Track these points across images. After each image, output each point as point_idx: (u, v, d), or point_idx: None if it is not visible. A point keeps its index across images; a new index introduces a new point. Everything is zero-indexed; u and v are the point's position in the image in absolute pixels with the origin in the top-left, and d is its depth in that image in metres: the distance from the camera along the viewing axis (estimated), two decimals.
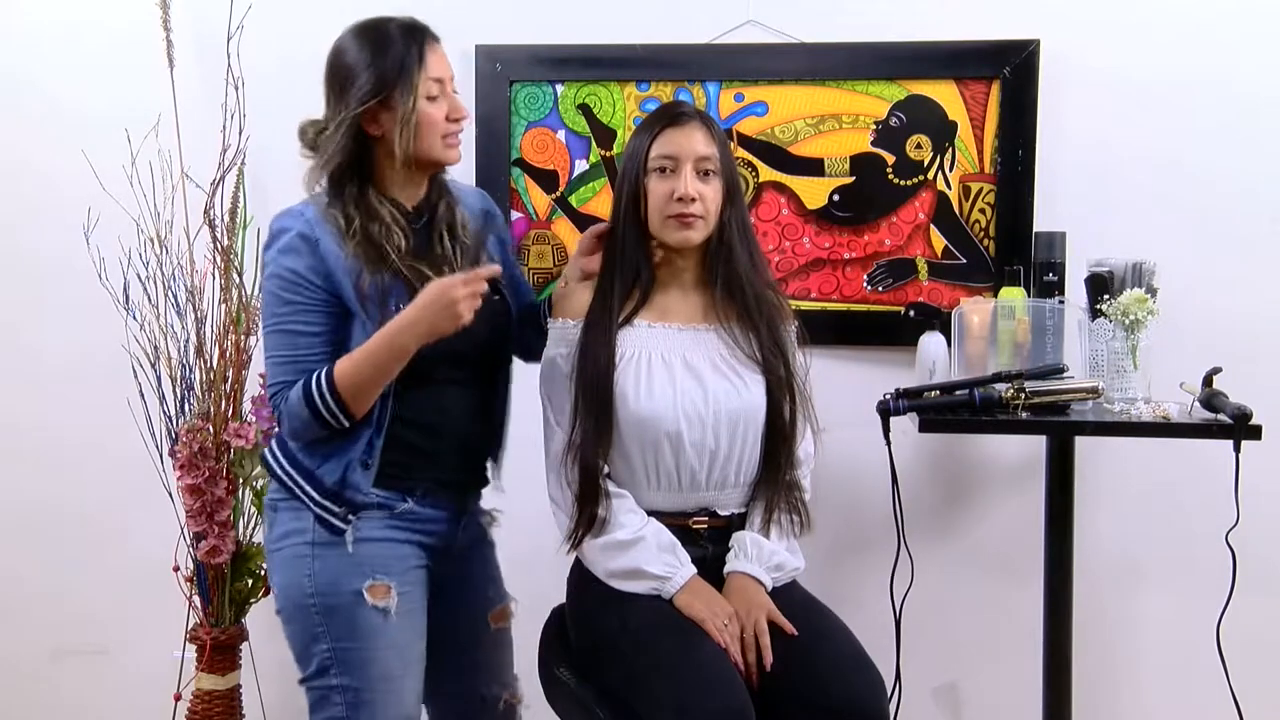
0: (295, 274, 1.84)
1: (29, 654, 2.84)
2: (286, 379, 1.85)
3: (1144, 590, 2.61)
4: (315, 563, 1.85)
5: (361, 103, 1.83)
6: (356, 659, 1.85)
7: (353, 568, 1.85)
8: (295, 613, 1.88)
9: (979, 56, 2.52)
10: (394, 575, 1.88)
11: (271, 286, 1.86)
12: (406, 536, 1.92)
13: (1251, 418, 2.06)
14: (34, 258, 2.75)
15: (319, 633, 1.85)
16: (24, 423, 2.78)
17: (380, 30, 1.87)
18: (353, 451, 1.87)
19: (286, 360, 1.86)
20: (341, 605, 1.85)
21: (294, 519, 1.88)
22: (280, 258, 1.85)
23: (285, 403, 1.85)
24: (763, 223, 2.58)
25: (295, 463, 1.89)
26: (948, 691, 2.67)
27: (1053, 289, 2.35)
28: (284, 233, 1.86)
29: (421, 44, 1.87)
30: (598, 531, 1.95)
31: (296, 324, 1.85)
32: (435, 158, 1.90)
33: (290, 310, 1.85)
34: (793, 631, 1.87)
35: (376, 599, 1.85)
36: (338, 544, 1.86)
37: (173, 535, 2.55)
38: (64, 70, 2.72)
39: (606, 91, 2.61)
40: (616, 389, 1.96)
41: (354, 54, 1.86)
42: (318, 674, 1.87)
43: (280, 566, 1.90)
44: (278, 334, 1.86)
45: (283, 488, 1.90)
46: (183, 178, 2.57)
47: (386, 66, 1.83)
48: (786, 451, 2.02)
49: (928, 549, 2.50)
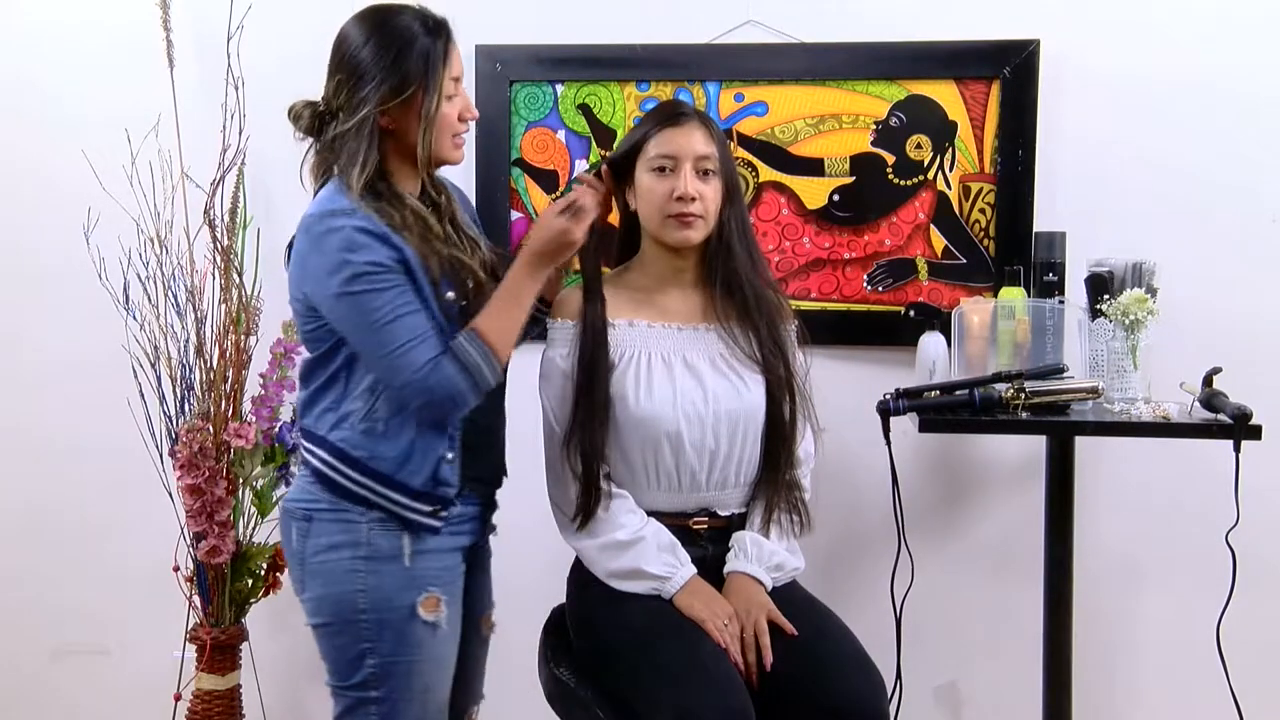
0: (379, 265, 1.75)
1: (29, 654, 2.84)
2: (431, 355, 1.76)
3: (1144, 590, 2.61)
4: (370, 578, 1.80)
5: (384, 100, 1.78)
6: (401, 672, 1.83)
7: (409, 581, 1.82)
8: (344, 627, 1.82)
9: (979, 56, 2.52)
10: (445, 587, 1.86)
11: (361, 286, 1.74)
12: (454, 543, 1.89)
13: (1251, 418, 2.06)
14: (34, 258, 2.75)
15: (367, 648, 1.81)
16: (24, 423, 2.78)
17: (403, 23, 1.81)
18: (440, 447, 1.83)
19: (419, 339, 1.76)
20: (394, 620, 1.81)
21: (342, 531, 1.81)
22: (355, 256, 1.74)
23: (437, 377, 1.76)
24: (763, 223, 2.59)
25: (368, 471, 1.81)
26: (948, 691, 2.67)
27: (1053, 289, 2.35)
28: (339, 231, 1.75)
29: (446, 41, 1.83)
30: (597, 530, 1.96)
31: (408, 307, 1.76)
32: (444, 157, 1.87)
33: (396, 294, 1.76)
34: (793, 631, 1.87)
35: (428, 613, 1.82)
36: (394, 558, 1.81)
37: (173, 535, 2.55)
38: (64, 70, 2.73)
39: (606, 91, 2.61)
40: (616, 389, 1.96)
41: (376, 47, 1.79)
42: (359, 686, 1.83)
43: (325, 579, 1.83)
44: (396, 322, 1.75)
45: (344, 499, 1.81)
46: (183, 178, 2.57)
47: (412, 64, 1.78)
48: (786, 451, 2.02)
49: (928, 549, 2.50)
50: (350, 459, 1.81)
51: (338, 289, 1.75)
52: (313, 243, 1.77)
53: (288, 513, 1.88)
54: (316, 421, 1.85)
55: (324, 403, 1.84)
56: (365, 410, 1.81)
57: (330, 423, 1.83)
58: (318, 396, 1.85)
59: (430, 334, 1.78)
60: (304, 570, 1.85)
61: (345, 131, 1.79)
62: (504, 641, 2.15)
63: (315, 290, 1.79)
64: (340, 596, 1.82)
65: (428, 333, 1.78)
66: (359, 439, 1.81)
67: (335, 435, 1.82)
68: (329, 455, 1.83)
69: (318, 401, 1.85)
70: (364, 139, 1.79)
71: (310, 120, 1.85)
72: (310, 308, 1.82)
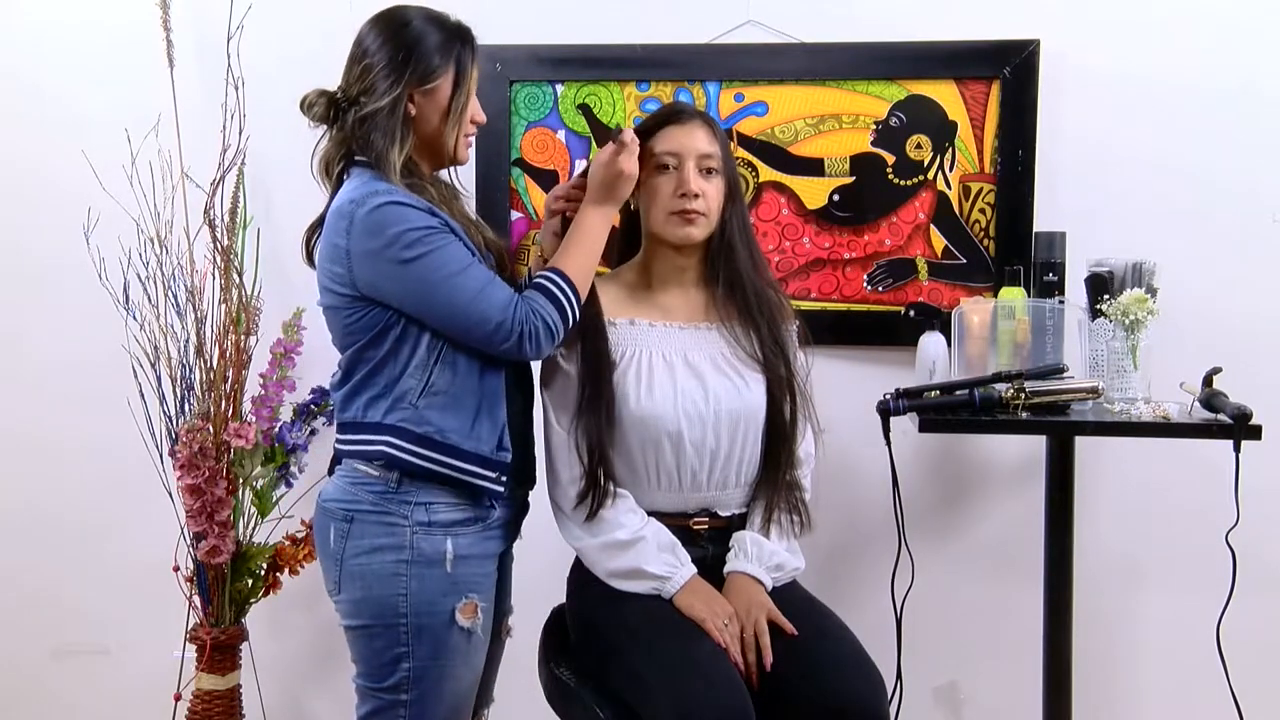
0: (432, 228, 1.77)
1: (29, 654, 2.84)
2: (509, 292, 1.80)
3: (1144, 590, 2.62)
4: (412, 582, 1.81)
5: (414, 83, 1.82)
6: (434, 677, 1.83)
7: (450, 587, 1.83)
8: (382, 630, 1.82)
9: (979, 56, 2.52)
10: (481, 592, 1.87)
11: (422, 249, 1.75)
12: (493, 549, 1.91)
13: (1251, 418, 2.06)
14: (34, 258, 2.75)
15: (403, 652, 1.82)
16: (24, 423, 2.78)
17: (424, 19, 1.87)
18: (500, 414, 1.85)
19: (492, 281, 1.80)
20: (434, 625, 1.82)
21: (386, 534, 1.81)
22: (408, 225, 1.76)
23: (526, 309, 1.79)
24: (763, 223, 2.59)
25: (438, 445, 1.81)
26: (948, 691, 2.67)
27: (1053, 289, 2.35)
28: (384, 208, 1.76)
29: (474, 42, 1.91)
30: (597, 530, 1.96)
31: (471, 259, 1.80)
32: (458, 155, 1.92)
33: (457, 248, 1.79)
34: (793, 631, 1.87)
35: (466, 619, 1.84)
36: (436, 563, 1.82)
37: (173, 535, 2.55)
38: (64, 70, 2.73)
39: (606, 91, 2.61)
40: (616, 388, 1.96)
41: (404, 36, 1.84)
42: (390, 688, 1.84)
43: (365, 581, 1.82)
44: (467, 271, 1.78)
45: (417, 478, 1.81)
46: (183, 178, 2.57)
47: (443, 54, 1.85)
48: (787, 451, 2.02)
49: (928, 549, 2.50)
50: (417, 437, 1.81)
51: (398, 257, 1.75)
52: (358, 226, 1.77)
53: (327, 512, 1.87)
54: (366, 411, 1.83)
55: (371, 391, 1.83)
56: (422, 386, 1.81)
57: (384, 408, 1.82)
58: (363, 387, 1.84)
59: (498, 279, 1.82)
60: (342, 571, 1.84)
61: (375, 112, 1.82)
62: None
63: (374, 271, 1.77)
64: (381, 600, 1.81)
65: (497, 278, 1.82)
66: (422, 415, 1.81)
67: (393, 417, 1.81)
68: (393, 437, 1.81)
69: (363, 391, 1.84)
70: (397, 120, 1.82)
71: (326, 108, 1.86)
72: (357, 296, 1.80)
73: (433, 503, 1.83)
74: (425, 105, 1.85)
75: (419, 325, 1.81)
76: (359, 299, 1.80)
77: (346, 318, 1.83)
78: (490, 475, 1.84)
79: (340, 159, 1.87)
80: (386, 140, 1.82)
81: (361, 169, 1.83)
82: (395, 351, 1.81)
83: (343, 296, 1.82)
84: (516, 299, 1.80)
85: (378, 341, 1.82)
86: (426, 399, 1.81)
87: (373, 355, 1.82)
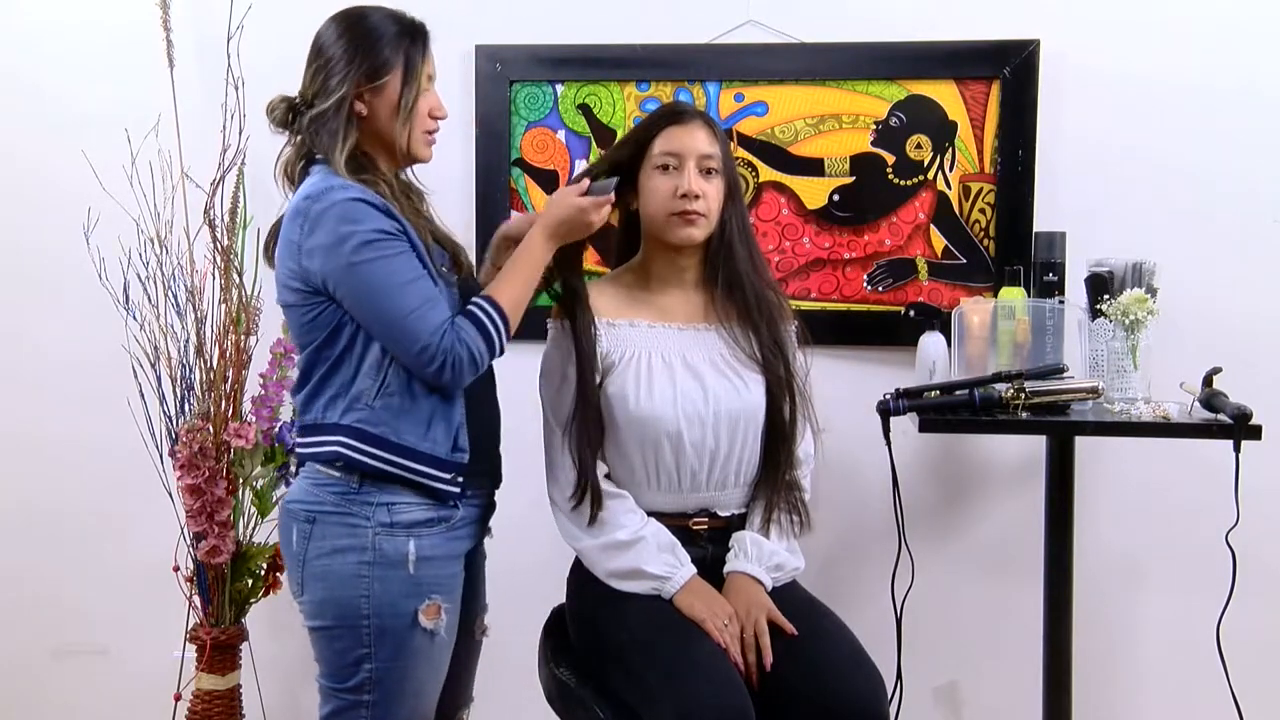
0: (385, 232, 1.76)
1: (29, 654, 2.84)
2: (446, 316, 1.78)
3: (1144, 590, 2.61)
4: (374, 584, 1.79)
5: (360, 84, 1.82)
6: (396, 677, 1.83)
7: (412, 589, 1.81)
8: (344, 631, 1.81)
9: (979, 56, 2.52)
10: (445, 593, 1.86)
11: (371, 254, 1.74)
12: (457, 549, 1.89)
13: (1251, 418, 2.06)
14: (34, 258, 2.75)
15: (365, 653, 1.81)
16: (24, 423, 2.78)
17: (380, 16, 1.87)
18: (455, 412, 1.83)
19: (431, 302, 1.77)
20: (396, 627, 1.81)
21: (347, 535, 1.80)
22: (359, 225, 1.75)
23: (458, 338, 1.77)
24: (763, 223, 2.59)
25: (393, 446, 1.80)
26: (948, 691, 2.67)
27: (1053, 289, 2.35)
28: (338, 205, 1.75)
29: (425, 37, 1.89)
30: (597, 530, 1.96)
31: (416, 272, 1.78)
32: (416, 152, 1.90)
33: (405, 259, 1.77)
34: (793, 631, 1.87)
35: (429, 620, 1.82)
36: (398, 564, 1.80)
37: (173, 535, 2.55)
38: (64, 70, 2.73)
39: (606, 91, 2.61)
40: (616, 389, 1.96)
41: (353, 35, 1.84)
42: (353, 689, 1.83)
43: (327, 583, 1.82)
44: (409, 286, 1.76)
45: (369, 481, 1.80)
46: (183, 178, 2.57)
47: (389, 51, 1.83)
48: (786, 451, 2.02)
49: (928, 549, 2.50)
50: (372, 437, 1.80)
51: (345, 258, 1.74)
52: (313, 222, 1.77)
53: (289, 514, 1.87)
54: (325, 412, 1.83)
55: (330, 390, 1.82)
56: (377, 387, 1.80)
57: (342, 408, 1.81)
58: (322, 387, 1.83)
59: (440, 299, 1.80)
60: (305, 572, 1.84)
61: (323, 113, 1.82)
62: (504, 641, 2.16)
63: (323, 267, 1.77)
64: (343, 601, 1.81)
65: (438, 297, 1.79)
66: (378, 415, 1.80)
67: (350, 418, 1.80)
68: (348, 438, 1.80)
69: (322, 392, 1.83)
70: (341, 119, 1.82)
71: (284, 113, 1.88)
72: (312, 291, 1.79)
73: (395, 503, 1.82)
74: (376, 103, 1.84)
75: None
76: (314, 294, 1.80)
77: (303, 315, 1.82)
78: (445, 476, 1.83)
79: (300, 161, 1.88)
80: (329, 140, 1.82)
81: (319, 166, 1.84)
82: (350, 350, 1.80)
83: (298, 293, 1.81)
84: (447, 325, 1.77)
85: (333, 340, 1.81)
86: (383, 399, 1.80)
87: (329, 354, 1.82)
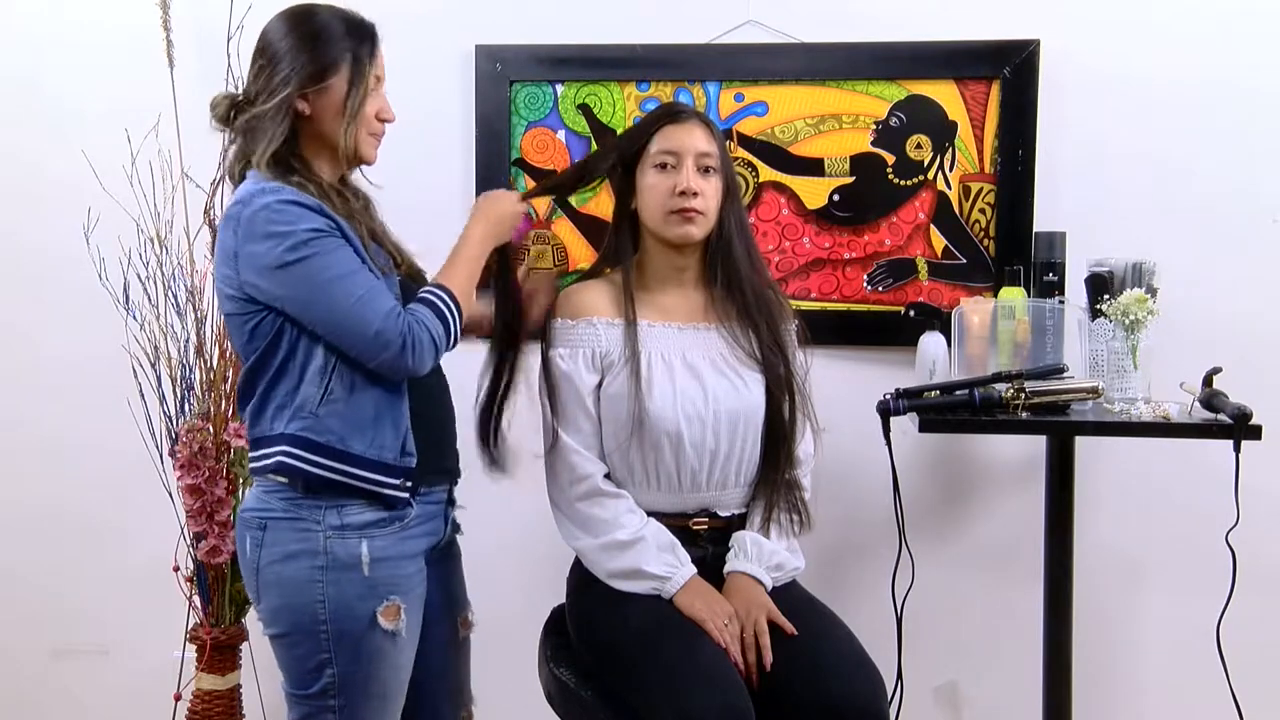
0: (318, 230, 1.71)
1: (29, 654, 2.84)
2: (393, 302, 1.73)
3: (1144, 590, 2.62)
4: (329, 588, 1.75)
5: (304, 85, 1.77)
6: (359, 680, 1.79)
7: (368, 591, 1.77)
8: (301, 638, 1.78)
9: (979, 56, 2.52)
10: (404, 594, 1.81)
11: (305, 251, 1.69)
12: (414, 547, 1.84)
13: (1251, 418, 2.06)
14: (34, 257, 2.75)
15: (326, 658, 1.77)
16: (24, 423, 2.78)
17: (327, 15, 1.82)
18: (401, 415, 1.79)
19: (376, 289, 1.73)
20: (355, 630, 1.77)
21: (299, 540, 1.76)
22: (292, 226, 1.70)
23: (414, 323, 1.73)
24: (763, 223, 2.59)
25: (338, 454, 1.75)
26: (948, 691, 2.67)
27: (1053, 289, 2.35)
28: (268, 208, 1.71)
29: (373, 38, 1.84)
30: (597, 530, 1.96)
31: (355, 264, 1.74)
32: (360, 154, 1.85)
33: (342, 253, 1.73)
34: (793, 631, 1.87)
35: (388, 622, 1.78)
36: (352, 567, 1.76)
37: (173, 535, 2.55)
38: (64, 70, 2.73)
39: (606, 91, 2.61)
40: (615, 389, 1.96)
41: (299, 35, 1.79)
42: (317, 695, 1.80)
43: (282, 589, 1.78)
44: (349, 277, 1.72)
45: (312, 493, 1.76)
46: (183, 178, 2.57)
47: (335, 53, 1.79)
48: (786, 451, 2.02)
49: (928, 549, 2.50)
50: (316, 445, 1.75)
51: (280, 260, 1.70)
52: (244, 227, 1.72)
53: (243, 522, 1.83)
54: (271, 424, 1.78)
55: (275, 401, 1.77)
56: (321, 394, 1.75)
57: (286, 417, 1.76)
58: (267, 398, 1.78)
59: (384, 288, 1.75)
60: (259, 580, 1.80)
61: (263, 113, 1.78)
62: (504, 641, 2.16)
63: (257, 273, 1.72)
64: (299, 607, 1.77)
65: (382, 286, 1.75)
66: (322, 423, 1.75)
67: (294, 426, 1.76)
68: (292, 447, 1.75)
69: (268, 403, 1.78)
70: (278, 120, 1.77)
71: (226, 109, 1.84)
72: (248, 299, 1.75)
73: (344, 505, 1.78)
74: (319, 104, 1.80)
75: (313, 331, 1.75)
76: (249, 303, 1.75)
77: (244, 324, 1.77)
78: (393, 482, 1.78)
79: (240, 161, 1.83)
80: (262, 139, 1.77)
81: (253, 169, 1.79)
82: (291, 358, 1.76)
83: (237, 301, 1.77)
84: (398, 309, 1.73)
85: (273, 349, 1.76)
86: (326, 406, 1.75)
87: (271, 362, 1.77)
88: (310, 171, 1.81)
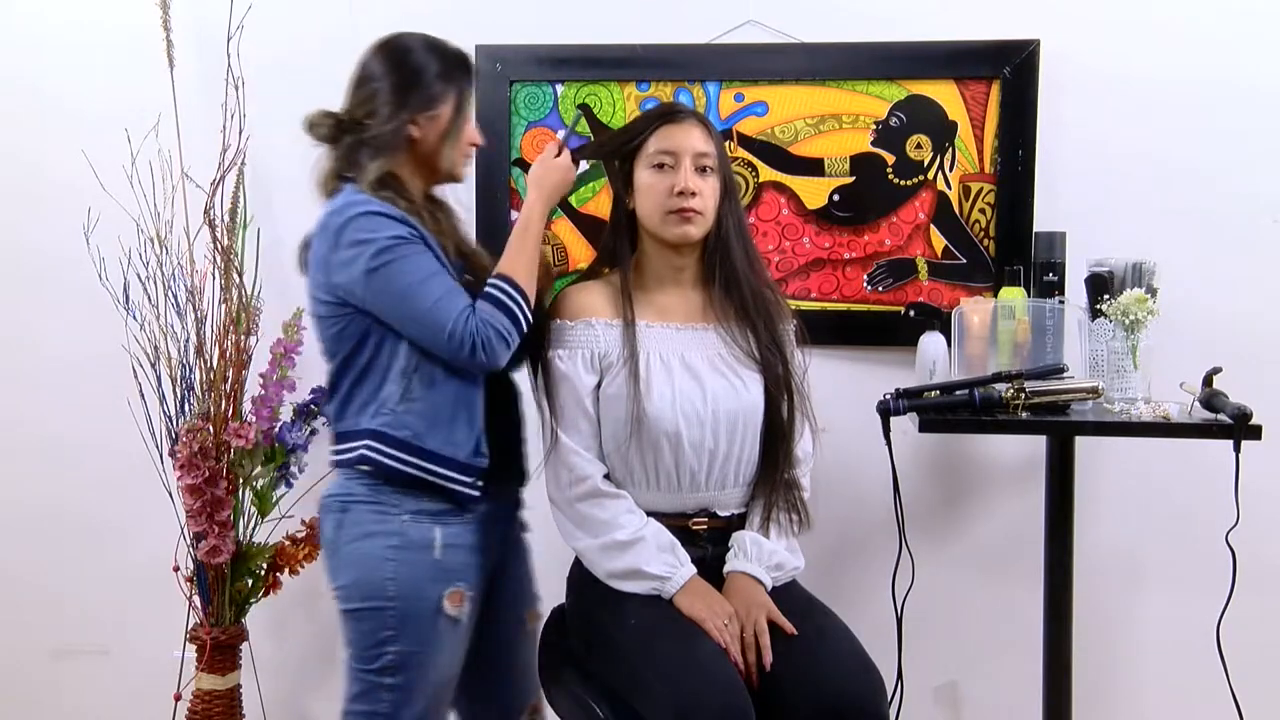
0: (400, 238, 1.84)
1: (29, 654, 2.84)
2: (468, 301, 1.85)
3: (1144, 590, 2.61)
4: (401, 567, 1.86)
5: (420, 109, 1.91)
6: (418, 662, 1.88)
7: (438, 574, 1.88)
8: (369, 614, 1.87)
9: (979, 56, 2.52)
10: (469, 581, 1.92)
11: (388, 257, 1.83)
12: (483, 543, 1.95)
13: (1251, 418, 2.06)
14: (34, 258, 2.75)
15: (389, 635, 1.86)
16: (24, 423, 2.78)
17: (425, 51, 1.95)
18: (478, 420, 1.90)
19: (453, 291, 1.85)
20: (420, 611, 1.87)
21: (377, 521, 1.88)
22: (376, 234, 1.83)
23: (477, 320, 1.83)
24: (763, 223, 2.59)
25: (414, 449, 1.87)
26: (948, 691, 2.67)
27: (1053, 289, 2.35)
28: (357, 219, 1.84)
29: (472, 72, 2.02)
30: (597, 530, 1.96)
31: (435, 268, 1.85)
32: (457, 173, 2.01)
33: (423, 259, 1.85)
34: (792, 631, 1.87)
35: (453, 607, 1.89)
36: (425, 550, 1.88)
37: (173, 535, 2.55)
38: (64, 70, 2.73)
39: (606, 91, 2.61)
40: (614, 390, 1.96)
41: (427, 61, 1.94)
42: (377, 671, 1.88)
43: (355, 565, 1.89)
44: (429, 280, 1.84)
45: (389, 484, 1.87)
46: (183, 178, 2.57)
47: (444, 83, 1.94)
48: (785, 450, 2.02)
49: (928, 549, 2.50)
50: (394, 440, 1.87)
51: (366, 266, 1.82)
52: (334, 236, 1.85)
53: (325, 505, 1.94)
54: (356, 419, 1.90)
55: (360, 398, 1.90)
56: (401, 392, 1.87)
57: (370, 412, 1.88)
58: (352, 395, 1.91)
59: (460, 289, 1.87)
60: (337, 558, 1.91)
61: (380, 135, 1.90)
62: None
63: (346, 278, 1.85)
64: (371, 583, 1.86)
65: (458, 288, 1.87)
66: (400, 420, 1.87)
67: (375, 422, 1.87)
68: (372, 440, 1.87)
69: (353, 399, 1.90)
70: (391, 143, 1.91)
71: (330, 130, 1.94)
72: (339, 302, 1.87)
73: (419, 495, 1.89)
74: (427, 129, 1.94)
75: (397, 332, 1.87)
76: (340, 306, 1.88)
77: (331, 327, 1.90)
78: (466, 480, 1.89)
79: (336, 174, 1.95)
80: (371, 160, 1.90)
81: (349, 184, 1.91)
82: (376, 358, 1.88)
83: (327, 304, 1.89)
84: (468, 310, 1.84)
85: (359, 349, 1.89)
86: (406, 404, 1.87)
87: (356, 363, 1.89)
88: (404, 188, 1.93)
